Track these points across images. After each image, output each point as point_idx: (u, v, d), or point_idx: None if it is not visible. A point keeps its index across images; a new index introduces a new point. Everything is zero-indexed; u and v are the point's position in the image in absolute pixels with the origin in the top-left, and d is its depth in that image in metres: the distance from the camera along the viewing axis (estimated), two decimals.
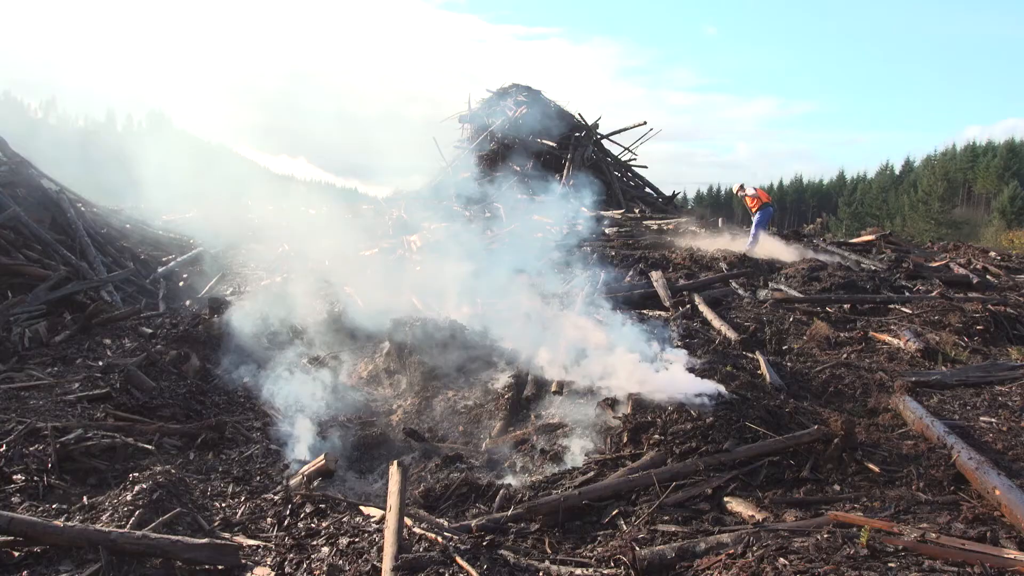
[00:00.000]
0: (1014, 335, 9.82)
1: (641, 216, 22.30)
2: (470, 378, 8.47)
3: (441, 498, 5.63)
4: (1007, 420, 6.53)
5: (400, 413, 8.27)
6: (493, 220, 19.60)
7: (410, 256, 15.03)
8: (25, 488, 5.23)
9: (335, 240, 15.03)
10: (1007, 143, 71.41)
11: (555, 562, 4.32)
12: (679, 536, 4.45)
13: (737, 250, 15.16)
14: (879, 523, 4.13)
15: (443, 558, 3.98)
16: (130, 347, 9.28)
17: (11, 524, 4.18)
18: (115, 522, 4.49)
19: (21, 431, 5.91)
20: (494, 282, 10.57)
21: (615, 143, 28.90)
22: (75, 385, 7.61)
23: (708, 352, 8.13)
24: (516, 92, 29.19)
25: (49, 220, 11.94)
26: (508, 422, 7.21)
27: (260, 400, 8.41)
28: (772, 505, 4.88)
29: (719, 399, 6.05)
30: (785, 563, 3.68)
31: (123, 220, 15.53)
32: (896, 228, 50.00)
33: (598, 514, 4.98)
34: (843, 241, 19.21)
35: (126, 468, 5.80)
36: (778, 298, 11.37)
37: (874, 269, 14.09)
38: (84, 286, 10.92)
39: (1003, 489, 4.65)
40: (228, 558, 4.19)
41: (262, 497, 5.56)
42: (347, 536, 4.55)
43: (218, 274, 13.15)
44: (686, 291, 11.56)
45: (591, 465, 5.71)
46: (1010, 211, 57.50)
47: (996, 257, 17.26)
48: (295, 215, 20.30)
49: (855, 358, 8.64)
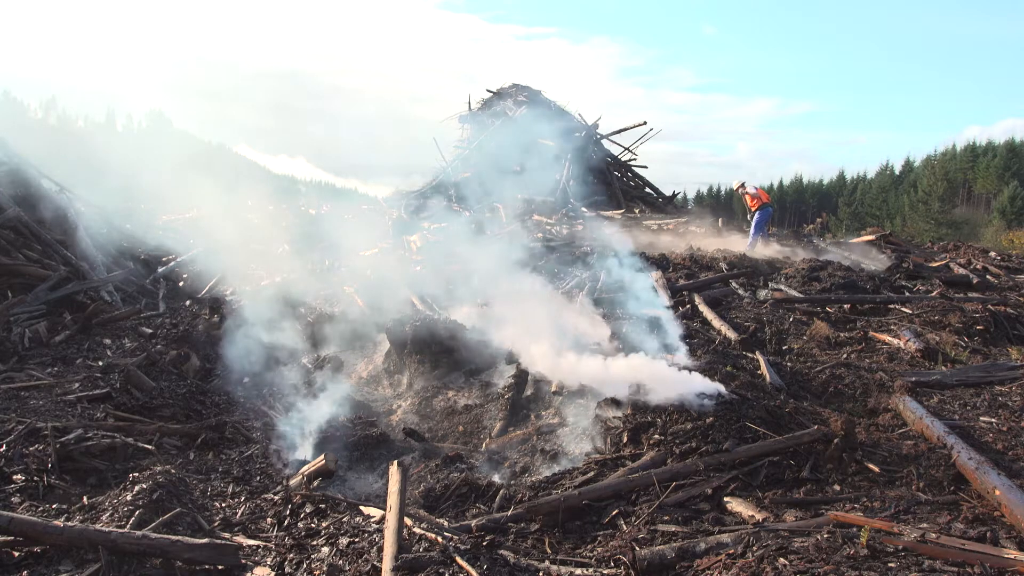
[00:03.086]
0: (1014, 335, 9.82)
1: (641, 216, 22.32)
2: (470, 378, 8.47)
3: (441, 498, 5.63)
4: (1007, 420, 6.53)
5: (400, 413, 8.27)
6: (493, 220, 19.62)
7: (410, 256, 15.03)
8: (25, 488, 5.23)
9: (335, 240, 15.05)
10: (1007, 143, 71.47)
11: (555, 562, 4.32)
12: (679, 536, 4.45)
13: (737, 250, 15.17)
14: (879, 523, 4.13)
15: (443, 558, 3.98)
16: (130, 347, 9.29)
17: (11, 524, 4.17)
18: (115, 522, 4.49)
19: (21, 431, 5.91)
20: (494, 282, 10.57)
21: (615, 143, 28.96)
22: (75, 385, 7.61)
23: (708, 352, 8.13)
24: (516, 92, 29.23)
25: (49, 220, 11.93)
26: (508, 422, 7.21)
27: (260, 400, 8.42)
28: (772, 505, 4.87)
29: (719, 399, 6.05)
30: (785, 563, 3.68)
31: (123, 220, 15.51)
32: (896, 228, 50.07)
33: (598, 514, 4.97)
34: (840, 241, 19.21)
35: (126, 468, 5.80)
36: (778, 298, 11.37)
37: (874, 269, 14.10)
38: (84, 286, 10.91)
39: (1003, 489, 4.65)
40: (228, 558, 4.19)
41: (262, 497, 5.56)
42: (347, 536, 4.55)
43: (218, 274, 13.13)
44: (686, 291, 11.56)
45: (591, 465, 5.71)
46: (1010, 211, 57.55)
47: (996, 257, 17.27)
48: (295, 215, 20.34)
49: (855, 358, 8.64)
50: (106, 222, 14.35)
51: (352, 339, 10.25)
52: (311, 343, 10.21)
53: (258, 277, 13.28)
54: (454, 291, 10.71)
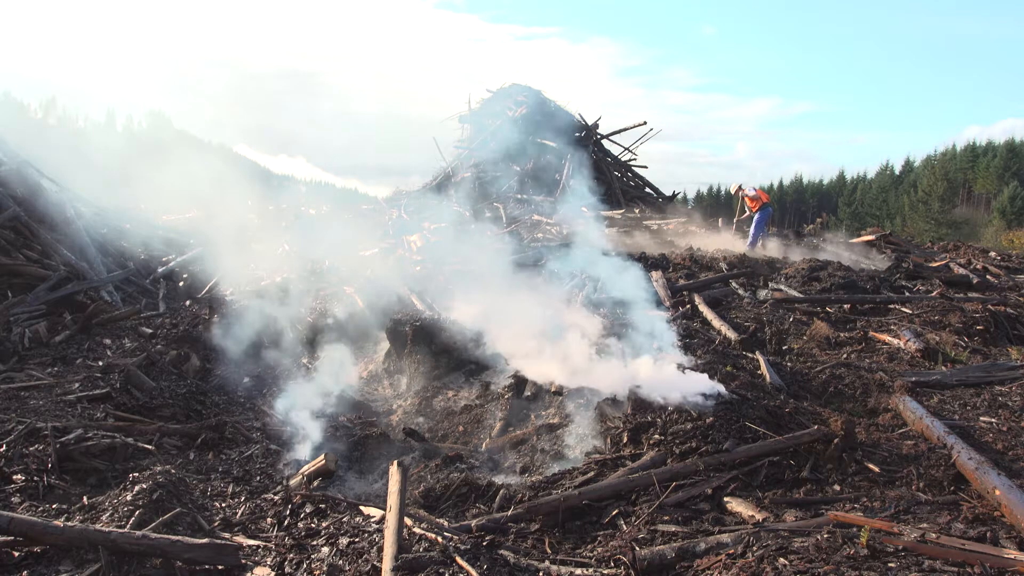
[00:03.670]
0: (1014, 335, 9.82)
1: (641, 216, 22.32)
2: (470, 378, 8.47)
3: (441, 498, 5.63)
4: (1007, 420, 6.53)
5: (400, 413, 8.27)
6: (493, 220, 19.63)
7: (410, 256, 15.03)
8: (25, 488, 5.23)
9: (335, 240, 15.05)
10: (1007, 143, 71.53)
11: (555, 562, 4.32)
12: (679, 536, 4.44)
13: (738, 250, 15.18)
14: (879, 523, 4.12)
15: (443, 558, 3.98)
16: (130, 347, 9.28)
17: (11, 524, 4.17)
18: (115, 522, 4.49)
19: (21, 431, 5.90)
20: (494, 282, 10.57)
21: (615, 143, 28.96)
22: (75, 385, 7.60)
23: (708, 352, 8.13)
24: (516, 92, 29.22)
25: (49, 220, 11.93)
26: (508, 422, 7.21)
27: (260, 400, 8.42)
28: (772, 505, 4.87)
29: (719, 399, 6.05)
30: (785, 563, 3.68)
31: (123, 220, 15.50)
32: (896, 228, 50.08)
33: (598, 514, 4.97)
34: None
35: (126, 468, 5.80)
36: (778, 298, 11.37)
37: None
38: (84, 286, 10.91)
39: (1003, 489, 4.65)
40: (228, 558, 4.19)
41: (262, 497, 5.56)
42: (347, 536, 4.55)
43: (218, 274, 13.13)
44: (686, 291, 11.57)
45: (591, 465, 5.71)
46: (1010, 211, 57.58)
47: (996, 257, 17.28)
48: (295, 215, 20.34)
49: (855, 358, 8.64)
50: (106, 222, 14.35)
51: (352, 339, 10.25)
52: (311, 343, 10.22)
53: (258, 277, 13.28)
54: (454, 291, 10.70)
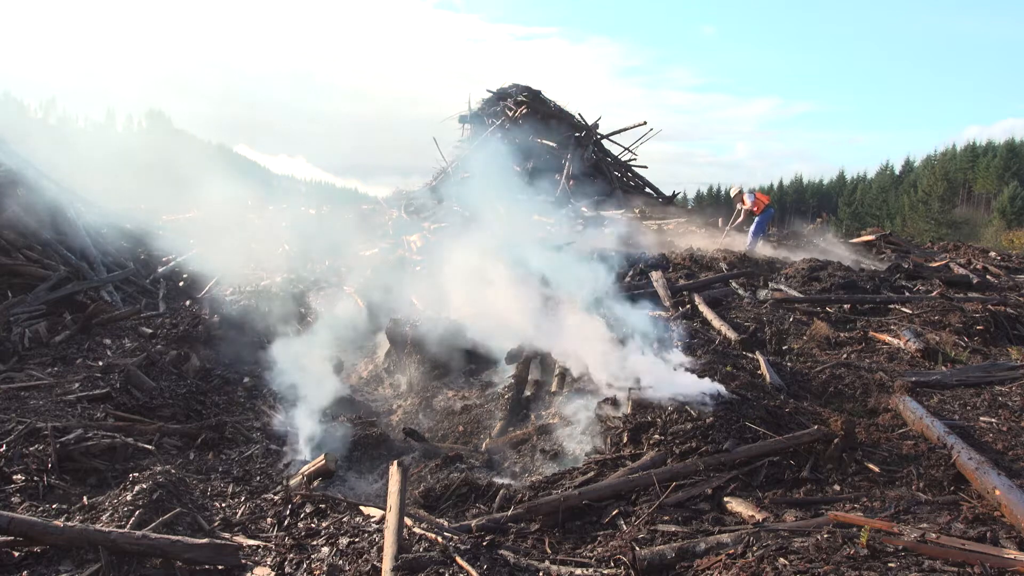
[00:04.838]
0: (1014, 335, 9.81)
1: (641, 216, 22.32)
2: (470, 378, 8.48)
3: (441, 498, 5.63)
4: (1007, 420, 6.52)
5: (400, 413, 8.28)
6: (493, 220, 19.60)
7: (410, 256, 15.04)
8: (25, 488, 5.23)
9: (335, 240, 15.06)
10: (1007, 143, 71.58)
11: (555, 562, 4.32)
12: (679, 536, 4.44)
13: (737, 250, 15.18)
14: (879, 523, 4.12)
15: (443, 558, 3.98)
16: (130, 347, 9.28)
17: (11, 524, 4.17)
18: (115, 522, 4.49)
19: (21, 431, 5.91)
20: (494, 282, 10.57)
21: (615, 143, 28.95)
22: (75, 385, 7.60)
23: (708, 352, 8.13)
24: (516, 92, 29.21)
25: (49, 220, 11.93)
26: (508, 422, 7.21)
27: (260, 400, 8.42)
28: (772, 505, 4.87)
29: (719, 399, 6.05)
30: (785, 563, 3.68)
31: (123, 220, 15.51)
32: (896, 228, 50.06)
33: (598, 514, 4.97)
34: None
35: (126, 468, 5.80)
36: (778, 298, 11.37)
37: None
38: (84, 286, 10.91)
39: (1003, 489, 4.65)
40: (228, 558, 4.19)
41: (262, 497, 5.56)
42: (347, 536, 4.55)
43: (218, 274, 13.13)
44: (686, 291, 11.56)
45: (591, 465, 5.71)
46: (1010, 211, 57.60)
47: (996, 257, 17.28)
48: (295, 215, 20.35)
49: (855, 358, 8.64)
50: (106, 222, 14.35)
51: (352, 339, 10.25)
52: (311, 343, 10.21)
53: (258, 277, 13.28)
54: (454, 291, 10.70)
